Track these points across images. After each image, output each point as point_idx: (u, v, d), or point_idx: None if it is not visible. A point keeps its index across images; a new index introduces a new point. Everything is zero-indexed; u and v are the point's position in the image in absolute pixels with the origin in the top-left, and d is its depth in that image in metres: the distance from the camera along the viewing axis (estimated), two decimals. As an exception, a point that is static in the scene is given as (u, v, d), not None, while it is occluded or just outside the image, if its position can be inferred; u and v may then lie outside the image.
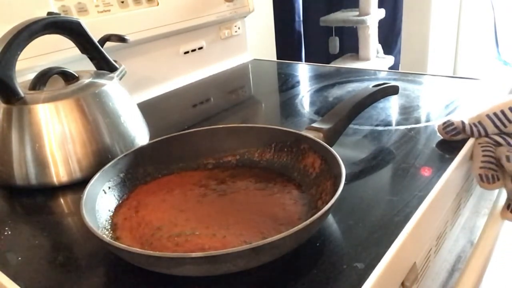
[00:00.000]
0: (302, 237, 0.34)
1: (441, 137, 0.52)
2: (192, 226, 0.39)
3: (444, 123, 0.51)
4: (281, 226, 0.37)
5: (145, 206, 0.42)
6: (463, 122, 0.50)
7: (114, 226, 0.39)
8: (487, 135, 0.49)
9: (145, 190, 0.45)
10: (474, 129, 0.49)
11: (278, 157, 0.47)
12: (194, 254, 0.29)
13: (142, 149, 0.47)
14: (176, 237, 0.37)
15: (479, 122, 0.49)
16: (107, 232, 0.38)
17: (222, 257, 0.30)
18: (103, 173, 0.43)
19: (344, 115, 0.50)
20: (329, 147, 0.42)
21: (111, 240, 0.35)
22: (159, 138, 0.49)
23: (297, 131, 0.47)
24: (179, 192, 0.45)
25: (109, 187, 0.43)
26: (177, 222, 0.39)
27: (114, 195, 0.43)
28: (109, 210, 0.41)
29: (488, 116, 0.49)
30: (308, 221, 0.31)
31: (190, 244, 0.36)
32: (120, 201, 0.43)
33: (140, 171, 0.46)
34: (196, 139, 0.49)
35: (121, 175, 0.45)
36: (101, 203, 0.41)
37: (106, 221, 0.40)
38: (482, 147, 0.48)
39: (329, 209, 0.34)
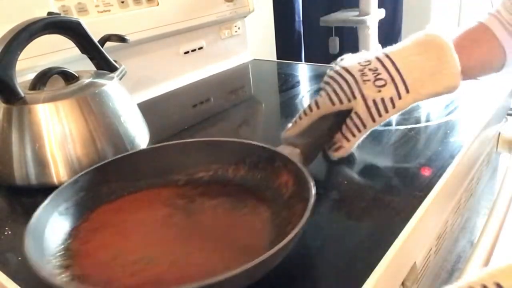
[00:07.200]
0: (259, 271, 0.31)
1: (441, 137, 0.52)
2: (152, 251, 0.36)
3: None
4: (245, 256, 0.33)
5: (105, 228, 0.39)
6: None
7: (69, 252, 0.36)
8: None
9: (108, 210, 0.42)
10: None
11: (252, 174, 0.44)
12: None
13: (106, 165, 0.44)
14: (133, 265, 0.34)
15: None
16: (59, 260, 0.35)
17: None
18: (59, 193, 0.39)
19: (325, 129, 0.47)
20: (302, 167, 0.39)
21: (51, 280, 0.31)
22: (124, 154, 0.45)
23: (271, 147, 0.43)
24: (143, 212, 0.42)
25: (67, 208, 0.39)
26: (136, 248, 0.37)
27: (73, 216, 0.39)
28: (64, 234, 0.38)
29: None
30: (257, 260, 0.29)
31: (147, 273, 0.34)
32: (79, 223, 0.39)
33: (103, 189, 0.43)
34: (167, 154, 0.46)
35: (81, 194, 0.41)
36: (55, 227, 0.37)
37: (60, 246, 0.36)
38: None
39: (284, 245, 0.30)
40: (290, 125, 0.50)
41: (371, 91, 0.46)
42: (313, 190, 0.35)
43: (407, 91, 0.45)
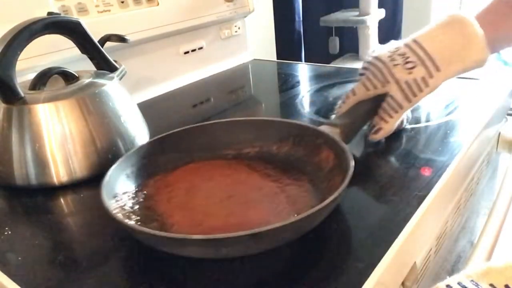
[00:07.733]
0: (302, 227, 0.34)
1: (441, 137, 0.52)
2: (208, 209, 0.41)
3: None
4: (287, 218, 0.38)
5: (163, 191, 0.44)
6: None
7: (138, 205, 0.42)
8: None
9: (164, 177, 0.46)
10: None
11: (295, 150, 0.48)
12: (195, 236, 0.31)
13: (164, 137, 0.49)
14: (194, 217, 0.40)
15: None
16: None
17: (222, 240, 0.31)
18: (127, 158, 0.44)
19: (362, 112, 0.51)
20: (342, 143, 0.43)
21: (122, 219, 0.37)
22: (179, 129, 0.50)
23: (314, 126, 0.48)
24: (196, 179, 0.46)
25: (132, 172, 0.44)
26: (194, 205, 0.42)
27: (136, 180, 0.44)
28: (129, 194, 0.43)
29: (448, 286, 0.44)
30: (305, 214, 0.32)
31: (207, 224, 0.39)
32: (141, 186, 0.44)
33: (161, 159, 0.48)
34: (217, 130, 0.51)
35: (144, 161, 0.46)
36: (123, 187, 0.42)
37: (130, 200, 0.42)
38: None
39: (328, 204, 0.34)
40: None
41: (402, 74, 0.49)
42: (352, 163, 0.38)
43: (437, 70, 0.48)
